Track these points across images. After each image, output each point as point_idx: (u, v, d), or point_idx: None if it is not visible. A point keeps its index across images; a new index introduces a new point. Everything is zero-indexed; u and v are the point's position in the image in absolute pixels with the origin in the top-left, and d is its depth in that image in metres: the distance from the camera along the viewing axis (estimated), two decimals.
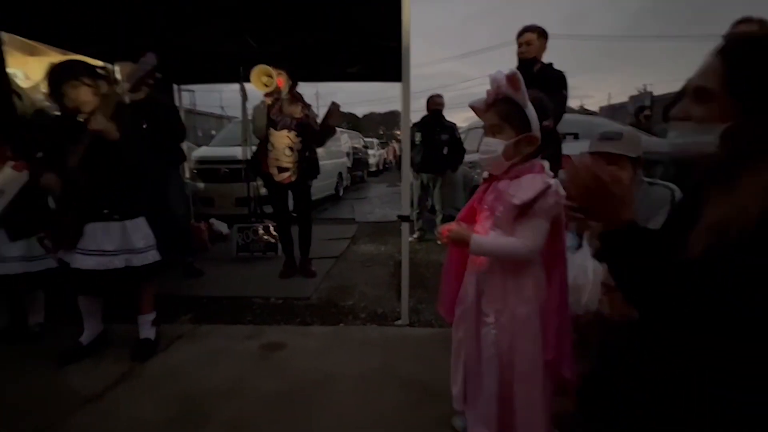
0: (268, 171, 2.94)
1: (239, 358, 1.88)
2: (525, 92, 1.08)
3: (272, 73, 2.80)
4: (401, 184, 2.27)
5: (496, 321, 1.13)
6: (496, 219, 1.15)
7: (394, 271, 3.32)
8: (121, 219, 1.78)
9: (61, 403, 1.54)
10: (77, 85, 1.70)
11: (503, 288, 1.14)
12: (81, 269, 1.70)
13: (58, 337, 2.01)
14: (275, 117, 2.88)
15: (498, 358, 1.12)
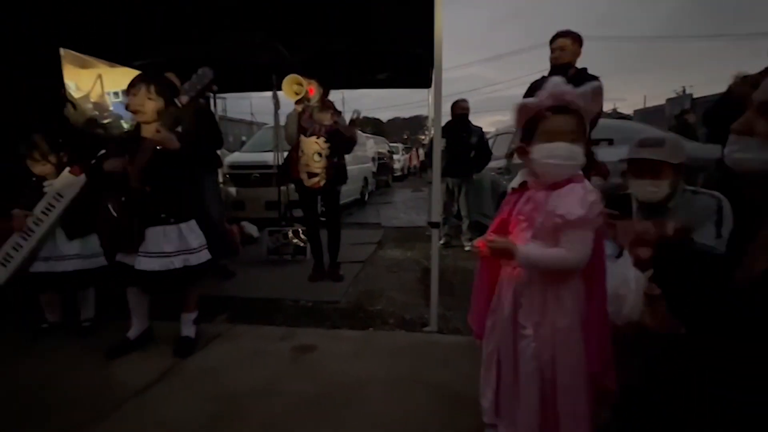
0: (299, 176, 3.03)
1: (273, 358, 1.94)
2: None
3: (302, 81, 2.89)
4: (432, 190, 2.28)
5: (535, 333, 1.11)
6: (535, 230, 1.12)
7: (420, 277, 3.32)
8: (177, 222, 1.90)
9: (111, 394, 1.64)
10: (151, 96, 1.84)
11: (543, 300, 1.11)
12: (146, 271, 1.81)
13: (107, 332, 2.14)
14: (305, 124, 2.97)
15: (539, 372, 1.10)
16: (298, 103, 2.96)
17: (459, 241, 4.36)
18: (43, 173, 2.12)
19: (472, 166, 4.20)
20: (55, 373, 1.82)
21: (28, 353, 2.01)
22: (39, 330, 2.17)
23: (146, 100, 1.85)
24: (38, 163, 2.10)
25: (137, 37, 3.80)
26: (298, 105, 2.98)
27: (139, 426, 1.46)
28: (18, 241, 2.06)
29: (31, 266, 2.09)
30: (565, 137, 1.07)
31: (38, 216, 2.06)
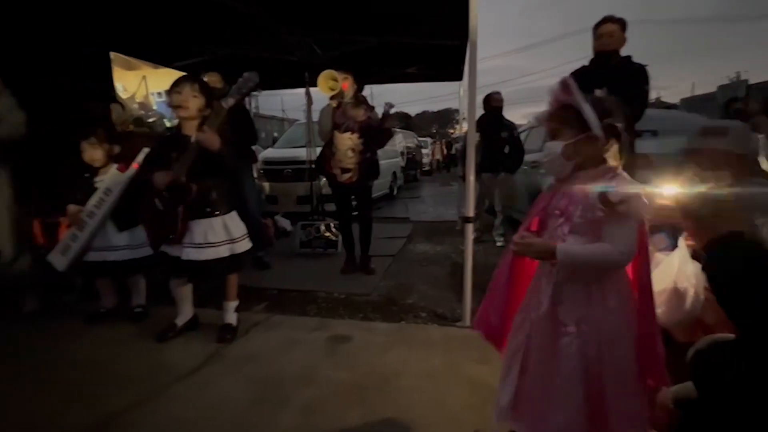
0: (332, 171, 3.08)
1: (310, 347, 2.00)
2: (579, 94, 1.05)
3: (337, 77, 2.91)
4: (466, 184, 2.26)
5: (578, 331, 1.08)
6: (573, 225, 1.10)
7: (451, 272, 3.31)
8: (220, 214, 2.01)
9: (161, 376, 1.75)
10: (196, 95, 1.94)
11: (587, 296, 1.08)
12: (194, 260, 1.93)
13: (156, 318, 2.29)
14: (339, 119, 3.00)
15: (583, 371, 1.06)
16: (333, 98, 2.99)
17: (490, 237, 4.30)
18: (92, 159, 2.26)
19: (506, 161, 4.11)
20: (111, 354, 1.97)
21: (86, 335, 2.18)
22: (96, 314, 2.35)
23: (191, 97, 1.95)
24: (92, 146, 2.25)
25: (178, 40, 3.97)
26: (332, 100, 3.01)
27: (189, 406, 1.55)
28: (74, 233, 2.24)
29: (86, 255, 2.26)
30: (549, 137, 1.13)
31: (91, 210, 2.22)
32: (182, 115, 1.96)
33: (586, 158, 1.09)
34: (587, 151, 1.08)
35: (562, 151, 1.08)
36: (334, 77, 2.92)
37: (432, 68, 4.82)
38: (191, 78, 2.02)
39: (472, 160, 2.24)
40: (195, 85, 1.97)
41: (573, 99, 1.06)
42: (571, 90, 1.06)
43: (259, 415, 1.49)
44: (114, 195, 2.24)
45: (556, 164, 1.12)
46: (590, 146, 1.07)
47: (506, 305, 1.27)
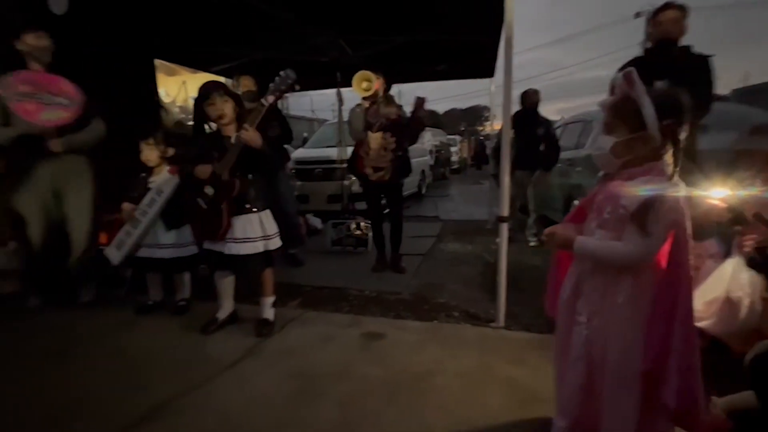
0: (364, 171, 3.10)
1: (344, 343, 2.04)
2: (641, 89, 1.02)
3: (372, 77, 2.93)
4: (500, 183, 2.22)
5: (589, 322, 1.13)
6: (602, 220, 1.11)
7: (483, 271, 3.27)
8: (258, 211, 2.09)
9: (206, 366, 1.84)
10: (226, 99, 2.02)
11: (602, 291, 1.11)
12: (237, 255, 2.02)
13: (198, 312, 2.41)
14: (372, 119, 3.02)
15: (587, 358, 1.12)
16: (366, 98, 3.01)
17: (523, 236, 4.20)
18: (148, 158, 2.41)
19: (541, 159, 4.00)
20: (160, 344, 2.09)
21: (136, 325, 2.33)
22: (145, 306, 2.50)
23: (223, 104, 2.02)
24: (149, 147, 2.39)
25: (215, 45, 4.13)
26: (365, 101, 3.03)
27: (232, 396, 1.62)
28: (128, 229, 2.39)
29: (138, 251, 2.41)
30: (603, 129, 1.11)
31: (143, 209, 2.37)
32: (224, 122, 2.04)
33: (635, 157, 1.06)
34: (639, 150, 1.05)
35: (611, 148, 1.06)
36: (368, 78, 2.95)
37: (462, 65, 4.76)
38: (216, 85, 2.07)
39: (507, 158, 2.20)
40: (221, 91, 2.03)
41: (633, 92, 1.02)
42: (633, 83, 1.02)
43: (298, 408, 1.54)
44: (165, 196, 2.37)
45: (604, 160, 1.10)
46: (643, 146, 1.04)
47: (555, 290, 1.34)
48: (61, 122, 2.37)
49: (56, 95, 2.38)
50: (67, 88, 2.42)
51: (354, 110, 3.16)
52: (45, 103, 2.34)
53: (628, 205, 1.01)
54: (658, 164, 1.04)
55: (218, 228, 2.01)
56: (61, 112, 2.38)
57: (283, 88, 1.98)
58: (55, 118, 2.36)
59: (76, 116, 2.42)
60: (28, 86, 2.31)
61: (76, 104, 2.42)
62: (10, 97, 2.28)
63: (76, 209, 2.55)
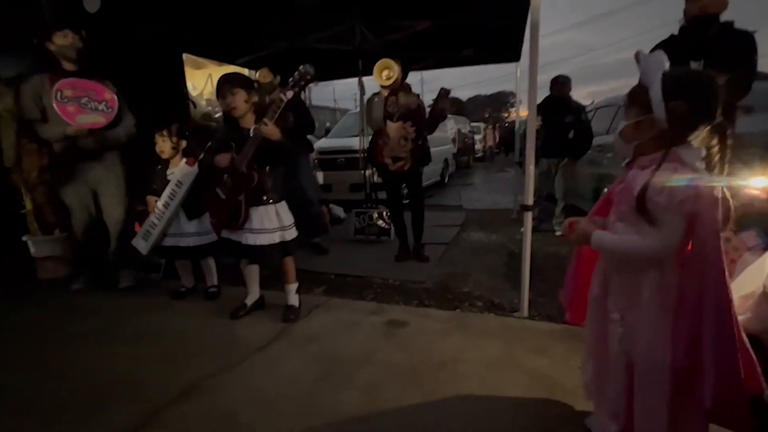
0: (383, 161, 3.09)
1: (368, 330, 2.08)
2: (648, 68, 0.97)
3: (393, 66, 2.90)
4: (525, 171, 2.18)
5: (622, 319, 1.10)
6: (620, 212, 1.08)
7: (507, 261, 3.23)
8: (274, 203, 2.14)
9: (237, 349, 1.93)
10: (234, 92, 2.05)
11: (628, 286, 1.08)
12: (253, 245, 2.09)
13: (227, 297, 2.51)
14: (391, 108, 2.99)
15: (626, 356, 1.10)
16: (385, 87, 2.99)
17: (549, 225, 4.10)
18: (162, 150, 2.49)
19: (569, 146, 3.87)
20: (194, 327, 2.20)
21: (172, 309, 2.46)
22: (178, 292, 2.63)
23: (232, 96, 2.04)
24: (162, 139, 2.48)
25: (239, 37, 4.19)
26: (384, 90, 3.01)
27: (262, 378, 1.70)
28: (153, 221, 2.51)
29: (163, 240, 2.53)
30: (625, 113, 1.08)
31: (166, 200, 2.47)
32: (237, 114, 2.09)
33: (646, 142, 1.02)
34: (646, 134, 1.01)
35: (619, 131, 1.03)
36: (389, 66, 2.91)
37: (487, 50, 4.63)
38: (225, 79, 2.09)
39: (532, 145, 2.15)
40: (228, 85, 2.06)
41: (641, 72, 0.98)
42: (638, 62, 0.98)
43: (324, 391, 1.59)
44: (185, 187, 2.46)
45: (617, 145, 1.07)
46: (649, 130, 1.00)
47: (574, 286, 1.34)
48: (97, 126, 2.54)
49: (97, 101, 2.55)
50: (108, 96, 2.58)
51: (372, 99, 3.13)
52: (84, 106, 2.51)
53: (635, 194, 0.99)
54: (677, 151, 0.98)
55: (236, 218, 2.07)
56: (99, 118, 2.56)
57: (302, 83, 2.00)
58: (91, 122, 2.53)
59: (110, 122, 2.58)
60: (71, 90, 2.49)
61: (113, 112, 2.58)
62: (55, 97, 2.44)
63: (110, 202, 2.70)
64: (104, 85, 2.59)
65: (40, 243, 2.95)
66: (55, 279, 2.95)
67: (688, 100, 0.93)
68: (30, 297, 2.69)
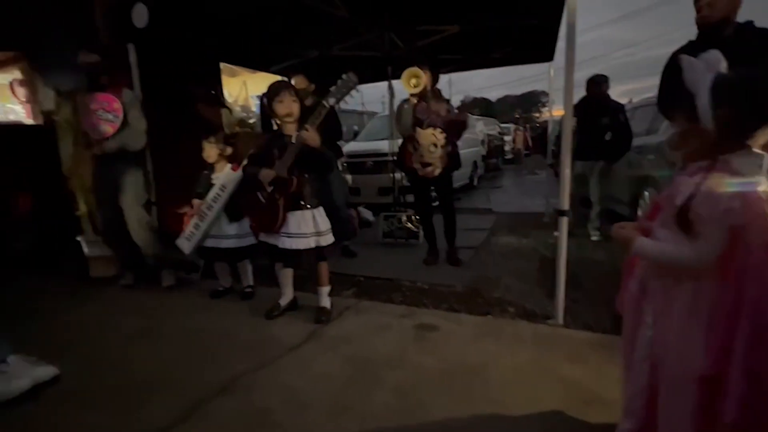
0: (412, 166, 3.09)
1: (399, 333, 2.10)
2: (692, 77, 0.92)
3: (421, 74, 2.91)
4: (561, 174, 2.12)
5: (655, 323, 1.07)
6: (665, 218, 1.05)
7: (539, 266, 3.15)
8: (311, 208, 2.19)
9: (272, 347, 2.00)
10: (294, 99, 2.14)
11: (663, 292, 1.05)
12: (290, 249, 2.16)
13: (262, 298, 2.60)
14: (421, 115, 2.99)
15: (651, 361, 1.07)
16: (414, 95, 2.99)
17: (583, 230, 3.97)
18: (209, 156, 2.61)
19: (605, 149, 3.72)
20: (231, 325, 2.29)
21: (211, 308, 2.58)
22: (217, 291, 2.75)
23: (292, 103, 2.14)
24: (210, 145, 2.60)
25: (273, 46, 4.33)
26: (413, 97, 3.01)
27: (296, 376, 1.75)
28: (197, 222, 2.64)
29: (205, 241, 2.65)
30: None
31: (209, 203, 2.59)
32: (289, 121, 2.15)
33: (694, 150, 0.98)
34: (696, 142, 0.97)
35: (666, 140, 1.00)
36: (417, 74, 2.92)
37: (518, 51, 4.54)
38: (286, 85, 2.19)
39: (568, 148, 2.09)
40: (291, 90, 2.15)
41: (686, 80, 0.94)
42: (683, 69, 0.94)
43: (356, 392, 1.62)
44: (228, 191, 2.57)
45: (665, 152, 1.04)
46: (697, 139, 0.96)
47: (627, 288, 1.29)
48: (105, 136, 2.71)
49: (108, 111, 2.72)
50: (116, 106, 2.72)
51: (402, 106, 3.14)
52: (101, 118, 2.70)
53: (679, 203, 0.96)
54: (729, 158, 0.93)
55: (274, 222, 2.14)
56: (107, 127, 2.72)
57: (345, 91, 2.04)
58: (103, 132, 2.71)
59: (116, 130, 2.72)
60: (95, 104, 2.69)
61: (118, 121, 2.72)
62: (84, 112, 2.68)
63: (128, 204, 2.82)
64: (114, 97, 2.72)
65: (92, 243, 3.17)
66: (105, 277, 3.17)
67: (738, 107, 0.89)
68: (84, 293, 2.90)
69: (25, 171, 3.59)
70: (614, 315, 2.03)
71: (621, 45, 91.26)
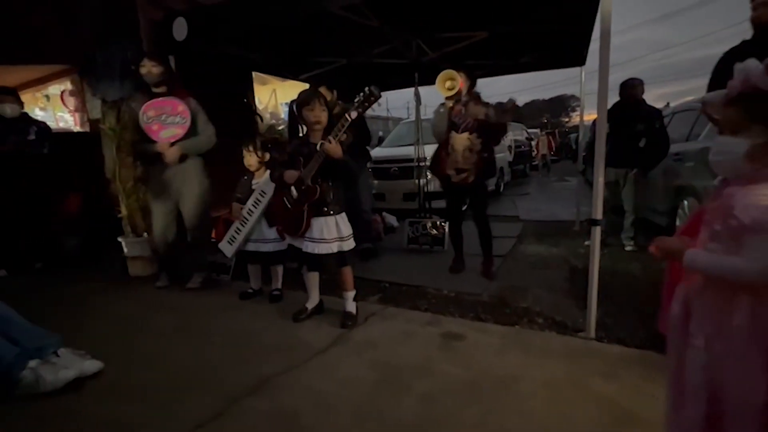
0: (446, 172, 3.05)
1: (425, 340, 2.09)
2: None
3: (456, 77, 2.87)
4: (594, 182, 2.07)
5: (708, 347, 0.99)
6: (713, 232, 0.98)
7: (569, 277, 3.06)
8: (335, 214, 2.23)
9: (300, 350, 2.03)
10: (323, 107, 2.19)
11: (715, 310, 0.98)
12: (312, 253, 2.21)
13: (289, 300, 2.66)
14: (457, 119, 2.95)
15: (708, 388, 0.98)
16: (449, 98, 2.97)
17: (616, 240, 3.82)
18: (249, 164, 2.71)
19: (639, 156, 3.57)
20: (260, 326, 2.35)
21: (240, 309, 2.65)
22: (246, 293, 2.83)
23: (321, 111, 2.19)
24: (250, 153, 2.69)
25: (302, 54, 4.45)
26: (448, 101, 2.99)
27: (323, 379, 1.78)
28: (238, 227, 2.73)
29: (245, 245, 2.74)
30: (724, 129, 0.98)
31: (250, 208, 2.68)
32: (317, 128, 2.21)
33: None
34: None
35: (747, 152, 0.93)
36: (452, 77, 2.88)
37: (548, 55, 4.47)
38: (315, 93, 2.24)
39: (602, 155, 2.04)
40: (322, 99, 2.21)
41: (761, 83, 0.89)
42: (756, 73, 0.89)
43: (383, 398, 1.62)
44: (268, 196, 2.63)
45: (730, 166, 0.97)
46: None
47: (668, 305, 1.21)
48: (175, 138, 2.83)
49: (173, 115, 2.84)
50: (181, 108, 2.85)
51: (438, 110, 3.09)
52: (164, 123, 2.82)
53: (742, 216, 0.89)
54: None
55: (299, 227, 2.20)
56: (176, 130, 2.85)
57: (367, 104, 2.08)
58: (170, 135, 2.83)
59: (186, 131, 2.84)
60: (153, 110, 2.81)
61: (187, 122, 2.85)
62: (143, 119, 2.79)
63: (188, 207, 2.98)
64: (178, 100, 2.85)
65: (131, 244, 3.34)
66: (142, 276, 3.33)
67: None
68: (124, 291, 3.06)
69: (74, 174, 3.84)
70: (651, 330, 1.95)
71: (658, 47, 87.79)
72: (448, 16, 3.46)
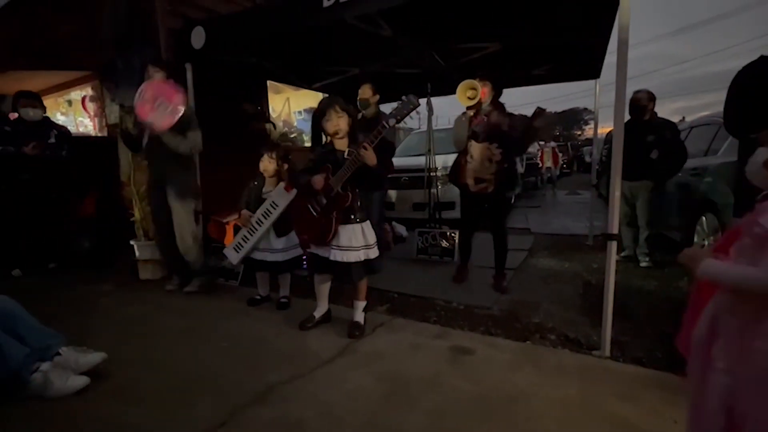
0: (465, 182, 3.02)
1: (433, 354, 2.04)
2: None
3: (477, 86, 2.86)
4: (610, 197, 2.02)
5: (731, 371, 0.94)
6: (741, 245, 0.95)
7: (583, 292, 2.98)
8: (361, 222, 2.21)
9: (306, 359, 2.01)
10: (341, 115, 2.16)
11: (740, 333, 0.93)
12: (342, 262, 2.17)
13: (296, 308, 2.64)
14: (477, 128, 2.93)
15: (728, 414, 0.94)
16: (470, 108, 2.95)
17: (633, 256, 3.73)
18: (266, 169, 2.69)
19: (652, 168, 3.49)
20: (268, 333, 2.33)
21: (248, 315, 2.65)
22: (253, 300, 2.82)
23: (339, 119, 2.17)
24: (271, 160, 2.68)
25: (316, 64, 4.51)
26: (469, 110, 2.97)
27: (330, 389, 1.74)
28: (245, 235, 2.73)
29: (252, 253, 2.73)
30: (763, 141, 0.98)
31: (259, 218, 2.67)
32: (339, 136, 2.19)
33: None
34: None
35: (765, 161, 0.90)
36: (473, 86, 2.87)
37: (562, 68, 4.44)
38: (330, 103, 2.19)
39: (618, 168, 2.00)
40: (336, 107, 2.16)
41: None
42: None
43: (390, 411, 1.58)
44: (280, 208, 2.62)
45: (757, 176, 0.95)
46: None
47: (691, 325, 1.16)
48: (162, 126, 2.71)
49: (165, 104, 2.72)
50: (176, 100, 2.73)
51: (459, 119, 3.07)
52: (157, 108, 2.71)
53: (766, 224, 0.87)
54: None
55: (326, 235, 2.16)
56: (162, 119, 2.71)
57: (405, 112, 2.04)
58: (158, 122, 2.72)
59: (173, 124, 2.72)
60: (151, 91, 2.73)
61: (175, 116, 2.72)
62: (137, 97, 2.70)
63: (174, 206, 2.93)
64: (177, 91, 2.73)
65: (143, 247, 3.38)
66: (152, 279, 3.35)
67: None
68: (135, 293, 3.08)
69: (90, 178, 3.93)
70: (669, 350, 1.88)
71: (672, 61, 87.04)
72: (461, 27, 3.47)
